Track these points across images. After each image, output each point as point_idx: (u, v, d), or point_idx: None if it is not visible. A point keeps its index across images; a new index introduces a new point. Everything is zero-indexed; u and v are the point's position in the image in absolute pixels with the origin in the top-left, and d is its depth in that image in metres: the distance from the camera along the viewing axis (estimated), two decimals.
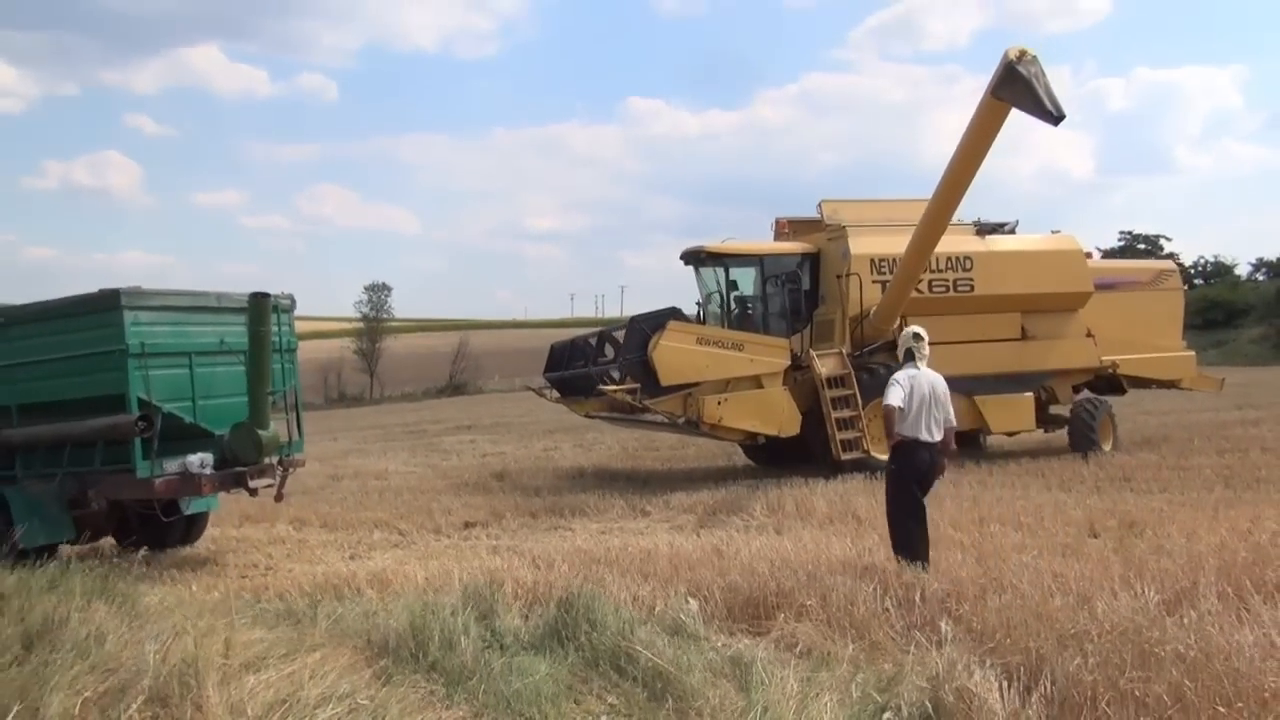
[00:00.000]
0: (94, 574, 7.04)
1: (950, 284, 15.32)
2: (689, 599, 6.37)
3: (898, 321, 14.45)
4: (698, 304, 16.00)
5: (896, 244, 14.56)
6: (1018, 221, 16.75)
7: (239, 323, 10.33)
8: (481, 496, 14.22)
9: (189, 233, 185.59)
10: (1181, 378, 17.65)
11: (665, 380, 13.58)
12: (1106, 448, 15.60)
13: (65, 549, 10.32)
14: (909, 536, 7.52)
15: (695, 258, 15.76)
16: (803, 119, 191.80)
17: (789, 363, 14.42)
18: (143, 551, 9.89)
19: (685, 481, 15.12)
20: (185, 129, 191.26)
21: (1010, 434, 16.83)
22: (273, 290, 10.23)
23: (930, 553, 7.48)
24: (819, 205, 16.06)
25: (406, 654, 5.40)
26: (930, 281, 15.12)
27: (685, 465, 17.70)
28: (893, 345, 13.94)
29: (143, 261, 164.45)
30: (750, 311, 15.69)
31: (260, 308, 9.99)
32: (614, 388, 13.94)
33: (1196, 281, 67.27)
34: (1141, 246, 64.57)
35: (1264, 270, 69.93)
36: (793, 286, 15.53)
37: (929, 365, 7.78)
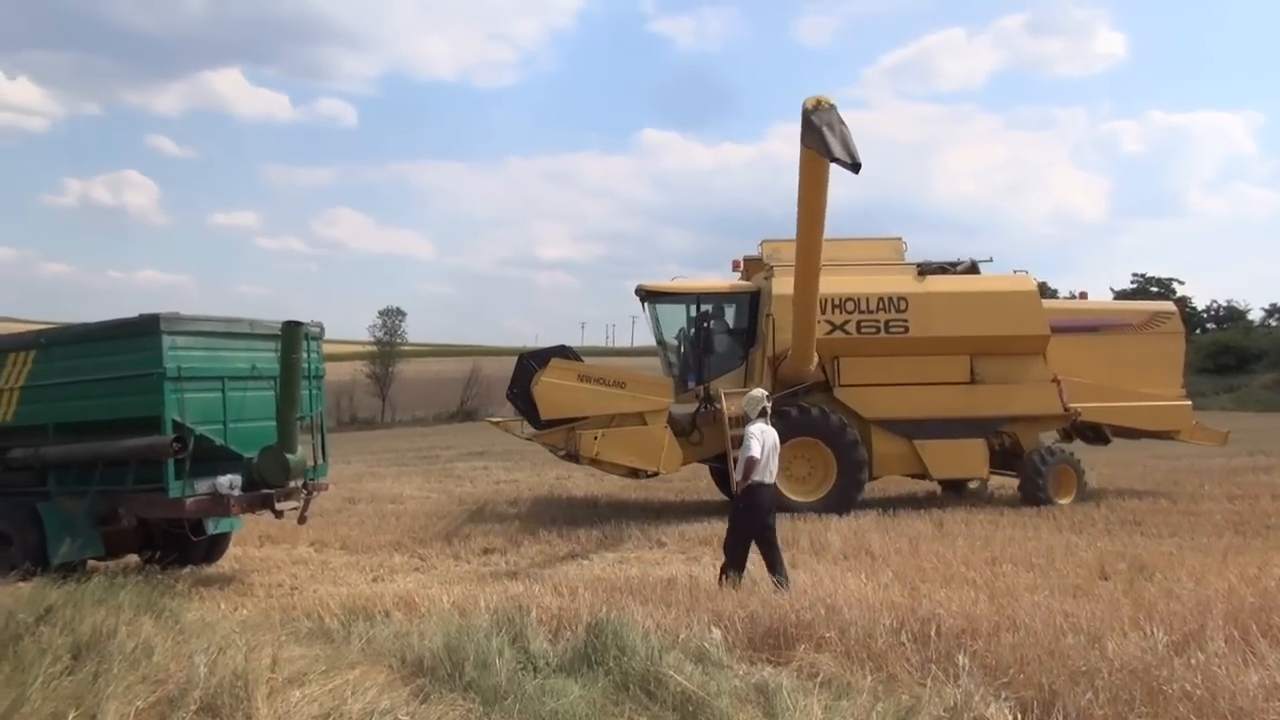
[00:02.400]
0: (139, 589, 7.27)
1: (881, 325, 15.05)
2: (712, 628, 6.58)
3: (815, 362, 14.57)
4: (676, 337, 16.28)
5: (836, 285, 14.75)
6: (973, 260, 16.25)
7: (270, 349, 10.64)
8: (498, 523, 14.43)
9: (205, 253, 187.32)
10: (1177, 429, 16.19)
11: (545, 414, 14.20)
12: (1063, 501, 14.70)
13: (95, 564, 10.55)
14: (740, 560, 8.93)
15: (640, 294, 16.10)
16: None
17: (671, 400, 14.55)
18: (187, 569, 10.10)
19: (699, 513, 15.29)
20: (205, 151, 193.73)
21: (962, 481, 16.51)
22: (301, 317, 10.57)
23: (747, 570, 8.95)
24: (760, 244, 16.21)
25: (443, 674, 5.62)
26: (859, 323, 15.02)
27: (698, 497, 17.86)
28: (823, 387, 14.96)
29: (158, 280, 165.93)
30: (695, 348, 15.92)
31: (293, 336, 10.30)
32: (497, 420, 14.92)
33: (1209, 326, 67.37)
34: (1154, 289, 64.66)
35: (1277, 316, 69.99)
36: (705, 325, 15.74)
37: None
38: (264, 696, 4.96)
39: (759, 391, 9.65)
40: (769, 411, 9.37)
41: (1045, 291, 19.74)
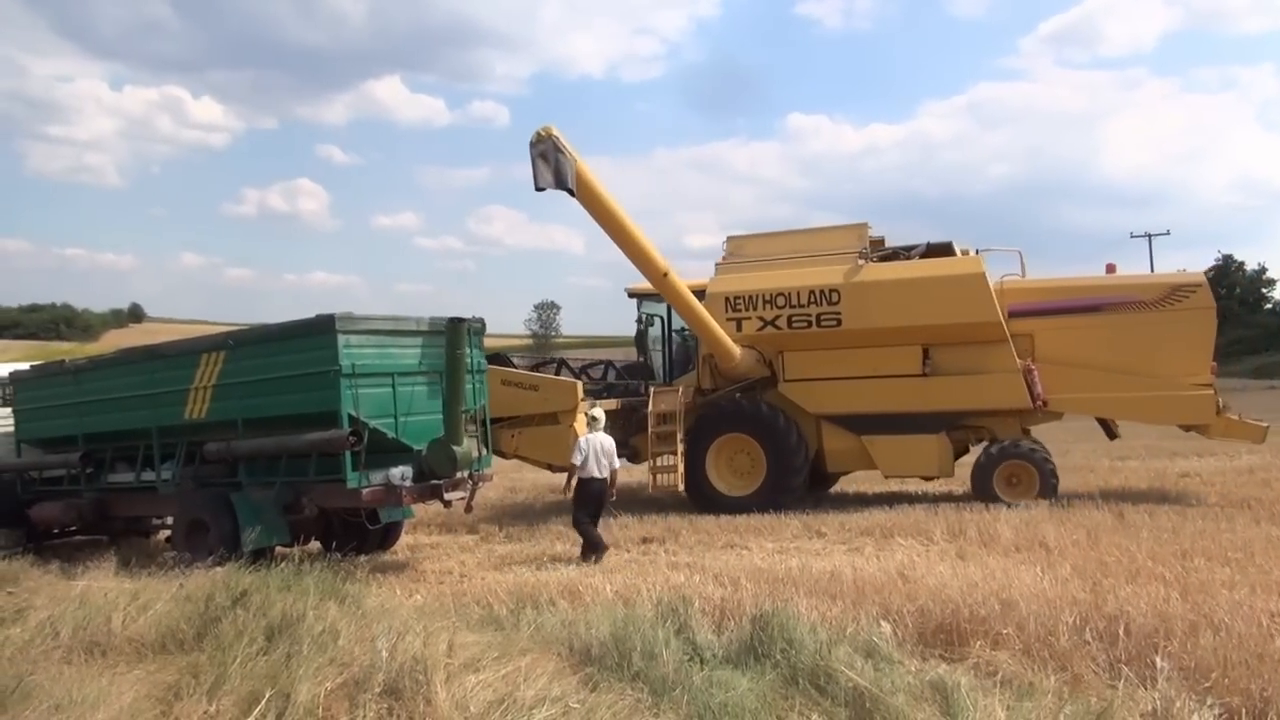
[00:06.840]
0: (322, 575, 7.67)
1: (813, 319, 14.51)
2: (881, 622, 6.41)
3: (737, 356, 14.75)
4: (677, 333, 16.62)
5: (767, 280, 14.82)
6: (930, 243, 14.81)
7: (435, 345, 11.06)
8: (655, 513, 14.51)
9: (370, 254, 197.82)
10: (1204, 423, 13.65)
11: None
12: (1016, 502, 13.08)
13: (280, 551, 11.21)
14: (592, 538, 11.32)
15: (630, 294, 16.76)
16: (971, 131, 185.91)
17: (579, 401, 14.80)
18: (364, 556, 10.62)
19: (858, 502, 15.00)
20: (369, 156, 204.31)
21: (926, 478, 15.30)
22: (461, 313, 10.96)
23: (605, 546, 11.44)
24: (725, 240, 15.98)
25: (611, 663, 5.68)
26: (790, 317, 14.64)
27: (856, 486, 17.50)
28: (770, 382, 15.15)
29: (329, 282, 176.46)
30: (664, 347, 16.56)
31: (457, 332, 10.69)
32: None
33: None
34: None
35: None
36: (641, 328, 16.48)
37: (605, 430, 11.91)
38: (442, 681, 5.14)
39: (598, 411, 12.16)
40: (600, 427, 11.71)
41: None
